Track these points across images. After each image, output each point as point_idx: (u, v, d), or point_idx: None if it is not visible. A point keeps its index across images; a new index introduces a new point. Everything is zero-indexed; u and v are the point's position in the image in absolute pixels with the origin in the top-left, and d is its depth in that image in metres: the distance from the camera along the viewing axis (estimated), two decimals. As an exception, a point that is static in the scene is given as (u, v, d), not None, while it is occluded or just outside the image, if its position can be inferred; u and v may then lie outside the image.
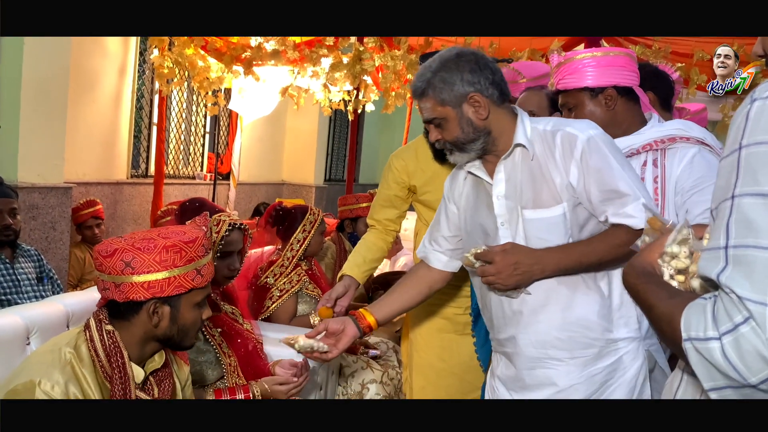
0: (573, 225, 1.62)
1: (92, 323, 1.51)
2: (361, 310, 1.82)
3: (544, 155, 1.61)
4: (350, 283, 2.19)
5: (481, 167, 1.70)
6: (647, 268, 1.00)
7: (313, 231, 3.13)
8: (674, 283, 0.95)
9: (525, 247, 1.60)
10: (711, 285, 0.84)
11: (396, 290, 1.88)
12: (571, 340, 1.62)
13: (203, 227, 1.58)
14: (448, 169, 2.13)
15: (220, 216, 2.05)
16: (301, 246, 3.09)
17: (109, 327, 1.49)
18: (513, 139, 1.63)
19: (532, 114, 1.76)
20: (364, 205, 4.14)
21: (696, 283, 0.91)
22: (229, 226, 2.08)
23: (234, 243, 2.14)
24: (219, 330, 2.14)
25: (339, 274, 2.25)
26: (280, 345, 2.70)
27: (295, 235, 3.11)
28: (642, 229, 1.48)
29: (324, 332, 1.78)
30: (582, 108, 1.84)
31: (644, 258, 1.02)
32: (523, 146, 1.62)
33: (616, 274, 1.64)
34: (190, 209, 2.23)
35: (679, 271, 0.95)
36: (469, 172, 1.73)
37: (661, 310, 0.88)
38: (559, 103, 1.94)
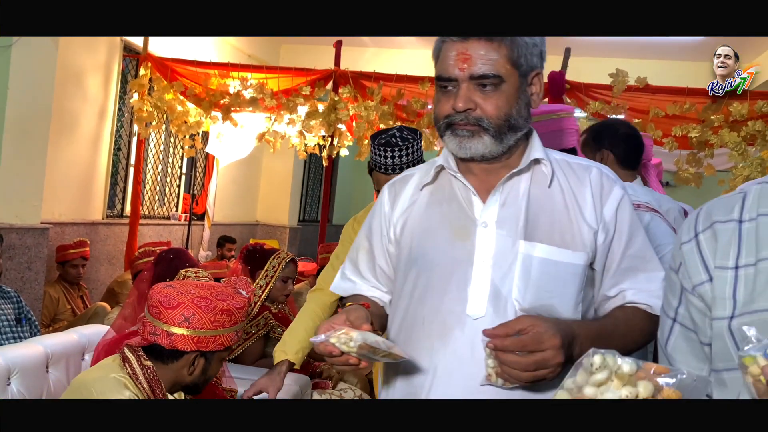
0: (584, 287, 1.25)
1: (131, 357, 1.67)
2: None
3: (568, 186, 1.27)
4: (287, 371, 2.01)
5: (465, 179, 1.28)
6: None
7: (274, 277, 3.13)
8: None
9: (548, 318, 1.14)
10: None
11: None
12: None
13: (247, 293, 1.78)
14: None
15: (186, 272, 2.17)
16: (263, 291, 3.10)
17: (148, 363, 1.66)
18: (525, 155, 1.27)
19: None
20: None
21: None
22: None
23: None
24: None
25: (279, 355, 2.03)
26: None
27: (257, 280, 3.12)
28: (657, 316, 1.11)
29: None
30: None
31: None
32: (540, 164, 1.28)
33: None
34: (166, 260, 2.34)
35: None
36: (451, 175, 1.30)
37: None
38: None
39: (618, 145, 2.31)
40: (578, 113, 5.02)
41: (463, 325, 1.21)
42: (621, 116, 4.67)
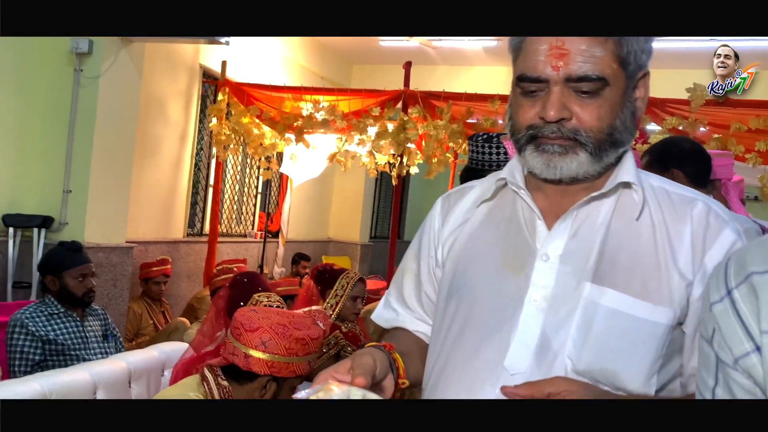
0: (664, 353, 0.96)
1: (209, 376, 1.76)
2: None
3: (662, 221, 0.99)
4: None
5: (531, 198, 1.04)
6: None
7: (344, 296, 3.16)
8: None
9: (593, 387, 0.93)
10: None
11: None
12: None
13: (323, 325, 1.85)
14: None
15: (259, 296, 2.25)
16: (333, 311, 3.13)
17: (225, 382, 1.76)
18: (612, 176, 1.02)
19: None
20: None
21: None
22: None
23: None
24: None
25: None
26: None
27: (327, 299, 3.16)
28: None
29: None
30: None
31: None
32: (630, 189, 1.01)
33: None
34: (240, 283, 2.43)
35: None
36: (514, 192, 1.06)
37: None
38: None
39: (687, 163, 2.17)
40: (653, 127, 4.88)
41: (497, 379, 0.97)
42: (703, 129, 4.51)
